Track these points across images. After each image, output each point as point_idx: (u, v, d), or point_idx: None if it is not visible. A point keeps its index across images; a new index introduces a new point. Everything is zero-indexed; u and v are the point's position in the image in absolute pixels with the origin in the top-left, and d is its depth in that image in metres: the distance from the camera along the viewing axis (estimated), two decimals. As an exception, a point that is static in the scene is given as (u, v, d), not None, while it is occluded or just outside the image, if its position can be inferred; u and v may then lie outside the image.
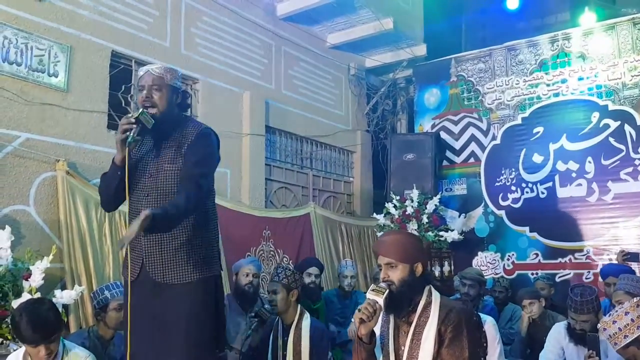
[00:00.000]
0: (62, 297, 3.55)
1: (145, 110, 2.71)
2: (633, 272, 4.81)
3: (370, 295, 2.43)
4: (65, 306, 3.73)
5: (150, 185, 2.80)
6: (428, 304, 2.48)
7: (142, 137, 2.81)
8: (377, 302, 2.40)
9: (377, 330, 2.54)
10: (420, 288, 2.52)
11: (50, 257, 3.57)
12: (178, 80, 2.89)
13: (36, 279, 3.45)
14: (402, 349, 2.47)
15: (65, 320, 4.06)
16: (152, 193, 2.79)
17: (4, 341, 3.30)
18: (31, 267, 3.51)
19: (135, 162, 2.83)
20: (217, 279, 2.94)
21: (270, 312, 3.91)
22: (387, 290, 2.42)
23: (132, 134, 2.67)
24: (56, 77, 4.67)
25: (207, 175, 2.87)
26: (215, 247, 2.96)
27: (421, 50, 8.11)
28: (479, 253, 7.22)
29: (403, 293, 2.47)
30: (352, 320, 5.18)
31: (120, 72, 5.31)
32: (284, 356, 3.74)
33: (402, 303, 2.48)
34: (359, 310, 2.39)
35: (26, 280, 3.50)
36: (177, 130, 2.84)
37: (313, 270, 5.33)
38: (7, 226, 3.72)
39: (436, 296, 2.52)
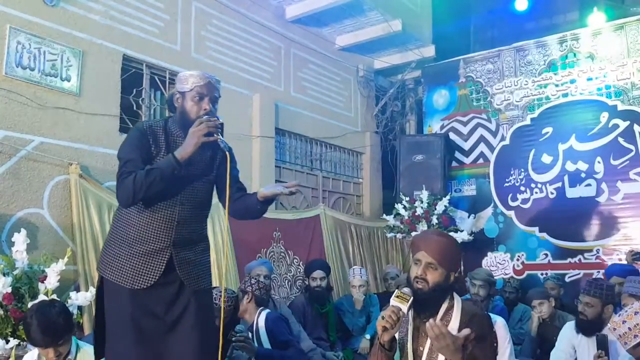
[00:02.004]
0: (77, 298, 3.60)
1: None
2: (638, 273, 4.78)
3: (394, 302, 2.37)
4: (79, 307, 3.79)
5: (186, 193, 2.67)
6: (450, 307, 2.47)
7: None
8: (401, 310, 2.34)
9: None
10: (447, 295, 2.49)
11: (65, 259, 3.61)
12: None
13: (52, 281, 3.49)
14: (421, 349, 2.45)
15: (81, 321, 4.12)
16: (187, 203, 2.67)
17: (21, 342, 3.34)
18: (47, 270, 3.56)
19: None
20: None
21: (241, 331, 3.94)
22: (412, 298, 2.38)
23: (223, 140, 2.57)
24: (69, 81, 4.73)
25: None
26: None
27: (430, 51, 8.11)
28: (489, 253, 7.21)
29: (434, 296, 2.44)
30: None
31: (132, 76, 5.36)
32: None
33: (428, 305, 2.45)
34: (382, 318, 2.34)
35: (42, 282, 3.54)
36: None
37: (317, 274, 5.35)
38: (22, 229, 3.77)
39: (458, 300, 2.50)
